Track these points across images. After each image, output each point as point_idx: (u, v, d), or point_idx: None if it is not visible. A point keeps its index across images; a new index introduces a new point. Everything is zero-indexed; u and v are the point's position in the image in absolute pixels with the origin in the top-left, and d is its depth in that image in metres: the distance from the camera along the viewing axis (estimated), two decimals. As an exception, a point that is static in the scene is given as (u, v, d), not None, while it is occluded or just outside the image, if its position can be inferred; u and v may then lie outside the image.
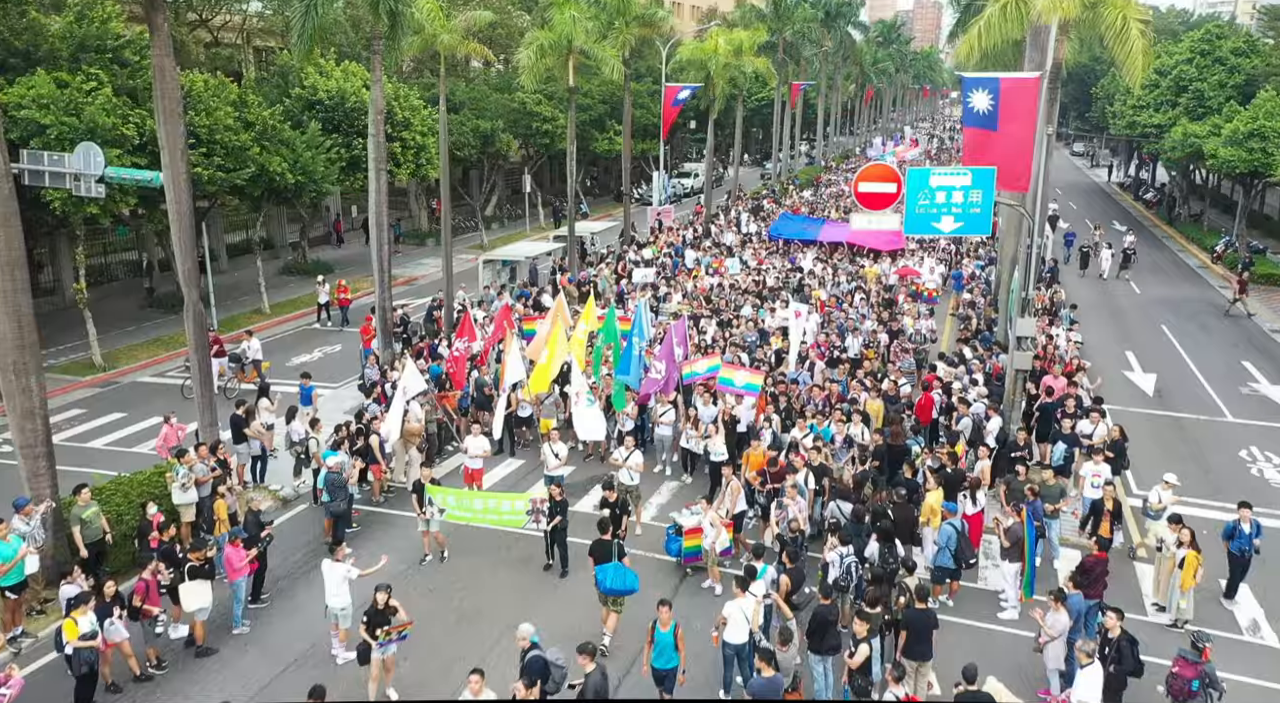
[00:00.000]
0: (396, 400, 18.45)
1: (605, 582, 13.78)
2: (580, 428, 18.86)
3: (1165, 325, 34.17)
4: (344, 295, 32.90)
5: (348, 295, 32.99)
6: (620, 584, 13.74)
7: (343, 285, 32.93)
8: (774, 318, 27.34)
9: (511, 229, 55.48)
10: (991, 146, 20.76)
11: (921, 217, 17.83)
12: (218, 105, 30.07)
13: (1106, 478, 16.42)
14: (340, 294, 32.81)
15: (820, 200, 53.59)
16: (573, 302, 32.07)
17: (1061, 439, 16.37)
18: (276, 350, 30.14)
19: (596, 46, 32.44)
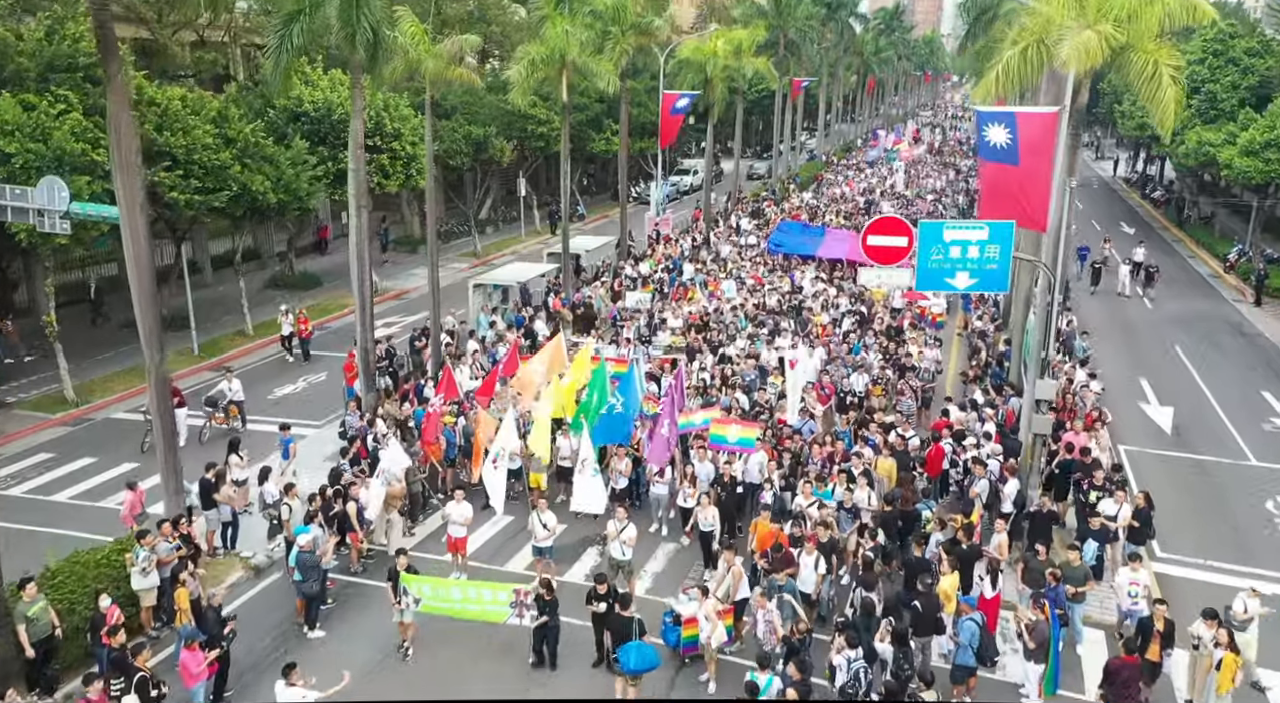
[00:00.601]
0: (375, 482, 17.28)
1: (629, 663, 13.40)
2: (578, 498, 17.65)
3: (1179, 347, 33.04)
4: (305, 327, 30.87)
5: (309, 327, 30.99)
6: (643, 664, 13.48)
7: (303, 316, 30.98)
8: (771, 351, 26.15)
9: (506, 233, 54.26)
10: (1011, 183, 19.66)
11: (934, 272, 16.70)
12: (196, 123, 28.81)
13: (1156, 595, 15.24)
14: (301, 326, 30.74)
15: (821, 204, 52.26)
16: (567, 326, 30.98)
17: (1091, 537, 15.26)
18: (258, 379, 29.00)
19: (590, 59, 31.12)
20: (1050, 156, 19.39)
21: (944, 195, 56.48)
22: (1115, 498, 16.56)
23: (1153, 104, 15.36)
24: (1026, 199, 19.85)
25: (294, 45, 19.52)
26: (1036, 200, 19.87)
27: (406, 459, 18.42)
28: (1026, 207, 19.86)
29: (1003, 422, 21.56)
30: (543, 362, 21.59)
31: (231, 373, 24.83)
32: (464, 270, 45.38)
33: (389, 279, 42.31)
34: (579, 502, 17.60)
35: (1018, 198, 19.95)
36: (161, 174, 27.25)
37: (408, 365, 27.78)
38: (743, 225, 48.39)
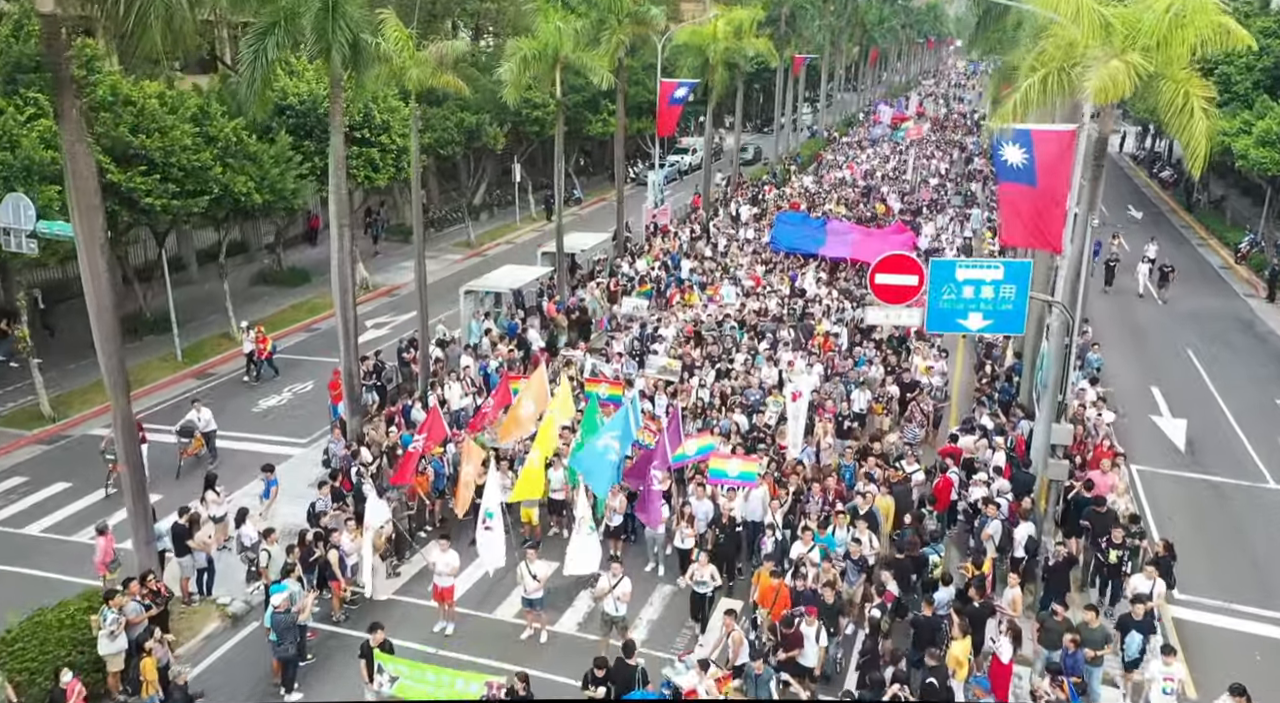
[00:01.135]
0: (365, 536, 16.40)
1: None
2: (572, 559, 16.73)
3: (1190, 349, 32.09)
4: (264, 346, 28.80)
5: (267, 346, 28.88)
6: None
7: (262, 335, 28.95)
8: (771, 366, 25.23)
9: (501, 219, 53.08)
10: (1030, 203, 18.74)
11: (946, 312, 15.76)
12: (174, 123, 27.66)
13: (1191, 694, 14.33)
14: (260, 344, 28.66)
15: (822, 190, 51.04)
16: (562, 332, 30.05)
17: (1135, 628, 14.24)
18: (242, 390, 28.13)
19: (585, 54, 29.90)
20: (1067, 177, 18.43)
21: (948, 179, 55.20)
22: (1146, 573, 15.60)
23: (1182, 136, 14.33)
24: (1043, 221, 18.94)
25: (269, 59, 18.43)
26: (1053, 223, 18.95)
27: (386, 512, 17.52)
28: (1044, 229, 18.95)
29: (1013, 448, 20.72)
30: (529, 399, 20.64)
31: (200, 403, 23.28)
32: (457, 262, 44.39)
33: (380, 272, 41.30)
34: (573, 564, 16.71)
35: (1035, 220, 19.05)
36: (138, 179, 26.17)
37: (396, 378, 26.84)
38: (742, 213, 47.24)
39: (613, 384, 22.53)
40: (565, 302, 31.65)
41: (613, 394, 22.26)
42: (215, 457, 22.87)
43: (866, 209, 45.53)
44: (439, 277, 41.98)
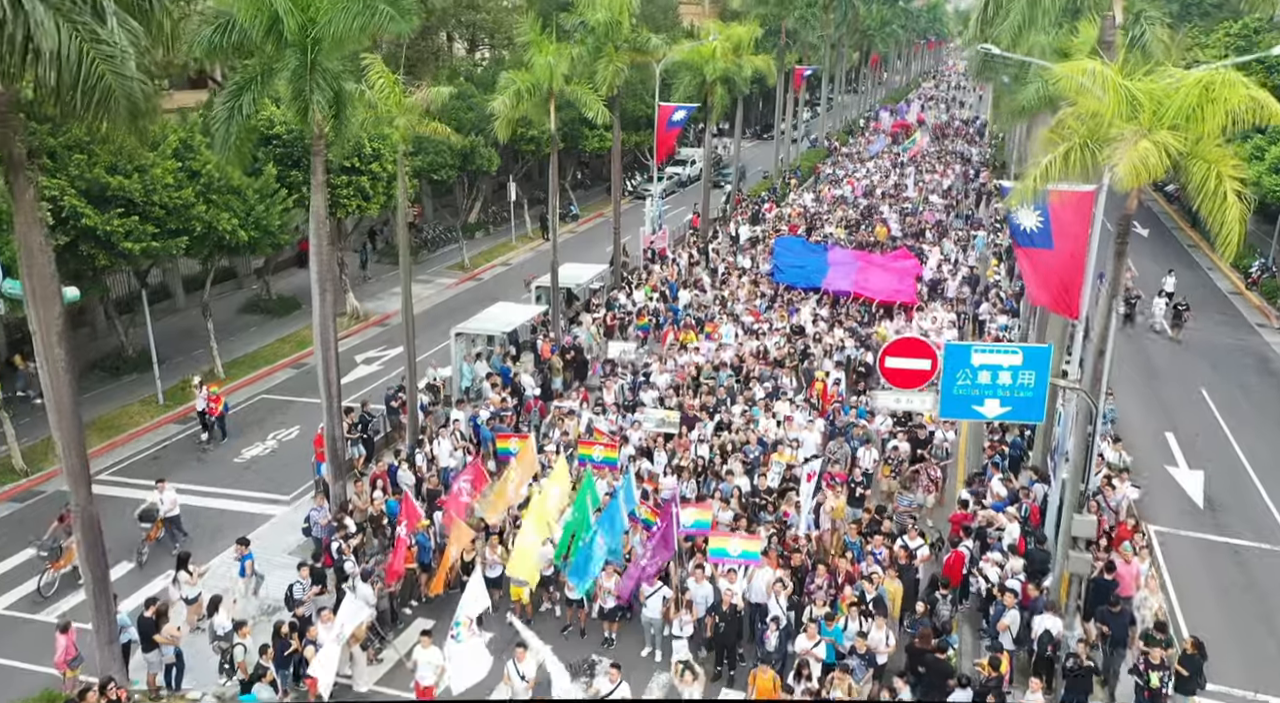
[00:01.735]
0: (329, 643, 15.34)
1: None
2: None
3: (1205, 388, 31.16)
4: (216, 405, 26.48)
5: (220, 406, 26.62)
6: None
7: (214, 393, 26.64)
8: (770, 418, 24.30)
9: (497, 237, 52.08)
10: (1049, 268, 17.88)
11: (961, 398, 14.86)
12: (155, 160, 26.66)
13: None
14: (212, 403, 26.39)
15: (821, 209, 49.96)
16: (556, 375, 29.10)
17: None
18: (227, 436, 27.11)
19: (579, 87, 28.91)
20: (1084, 239, 17.57)
21: (953, 196, 54.07)
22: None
23: (1212, 220, 13.39)
24: (1062, 286, 18.09)
25: (244, 116, 17.47)
26: (1072, 288, 18.09)
27: (365, 611, 16.55)
28: (1063, 294, 18.09)
29: (1027, 517, 19.80)
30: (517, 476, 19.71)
31: (165, 483, 21.26)
32: (450, 286, 43.43)
33: (371, 299, 40.25)
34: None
35: (1053, 284, 18.19)
36: (115, 221, 25.17)
37: (384, 427, 25.90)
38: (742, 234, 46.25)
39: (608, 446, 21.55)
40: (560, 341, 30.67)
41: (608, 457, 21.31)
42: (179, 540, 20.93)
43: (868, 231, 44.48)
44: (432, 303, 41.10)
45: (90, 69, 11.51)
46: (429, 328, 37.28)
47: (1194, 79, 13.37)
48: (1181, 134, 13.42)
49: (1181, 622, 18.80)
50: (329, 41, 17.17)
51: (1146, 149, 12.92)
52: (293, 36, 17.12)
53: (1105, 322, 15.06)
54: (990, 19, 19.29)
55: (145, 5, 13.13)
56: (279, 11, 16.75)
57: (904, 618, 17.68)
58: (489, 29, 59.00)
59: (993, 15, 19.04)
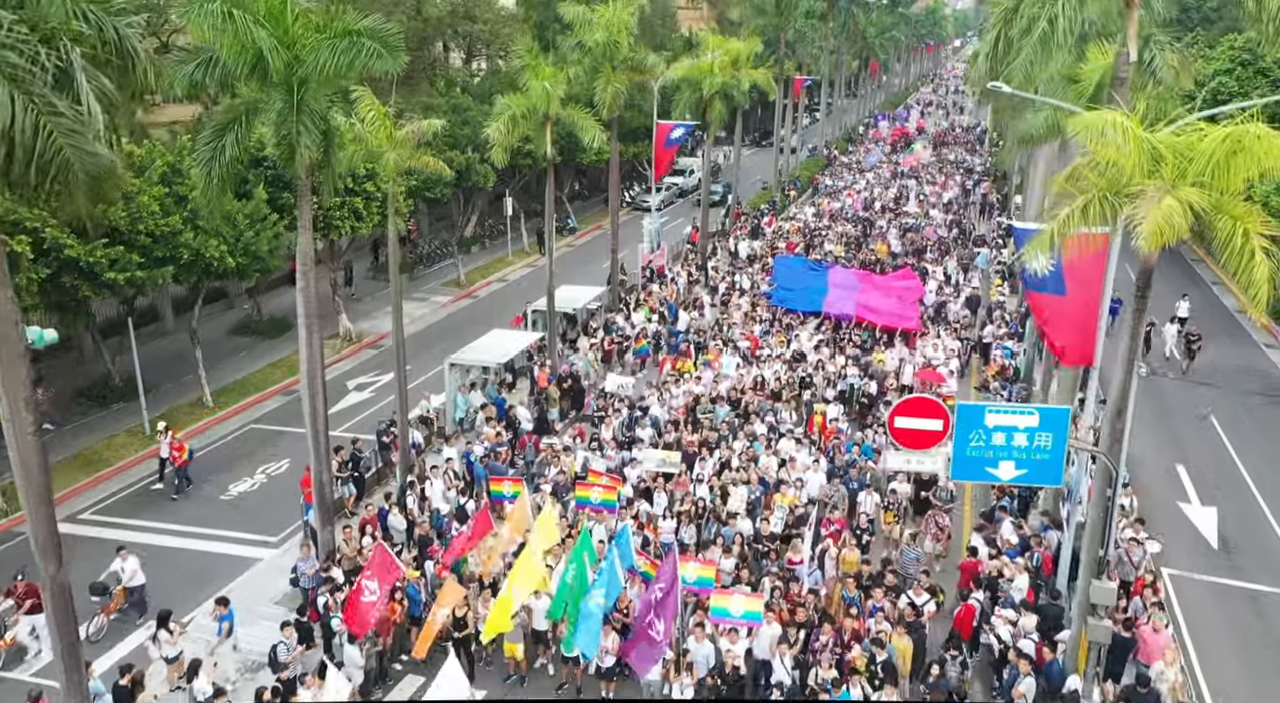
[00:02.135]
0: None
1: None
2: None
3: (1215, 417, 30.47)
4: (179, 453, 24.64)
5: (184, 453, 24.73)
6: None
7: (177, 440, 24.99)
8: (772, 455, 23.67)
9: (493, 252, 51.42)
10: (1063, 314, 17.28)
11: (974, 460, 14.22)
12: (141, 187, 25.99)
13: None
14: (175, 451, 24.62)
15: (821, 226, 49.20)
16: (553, 403, 28.45)
17: None
18: (214, 469, 26.50)
19: (576, 112, 28.27)
20: (1098, 284, 16.96)
21: (954, 210, 53.31)
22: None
23: (1239, 277, 12.76)
24: (1076, 331, 17.50)
25: (227, 159, 16.82)
26: (1086, 334, 17.50)
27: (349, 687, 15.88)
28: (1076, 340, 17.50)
29: (1038, 566, 19.18)
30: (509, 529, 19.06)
31: (126, 551, 19.87)
32: (446, 305, 42.76)
33: (364, 319, 39.54)
34: None
35: (1066, 330, 17.59)
36: (99, 252, 24.50)
37: (376, 462, 25.23)
38: (741, 250, 45.64)
39: (606, 488, 20.88)
40: (557, 368, 30.03)
41: (606, 499, 20.66)
42: (143, 613, 19.56)
43: (868, 249, 43.81)
44: (426, 323, 40.45)
45: (47, 144, 10.86)
46: (423, 350, 36.67)
47: (1220, 133, 12.72)
48: (1206, 189, 12.79)
49: (1201, 679, 18.18)
50: (316, 81, 16.52)
51: (1171, 208, 12.28)
52: (278, 76, 16.47)
53: (1126, 381, 14.43)
54: (1000, 56, 18.67)
55: (124, 62, 12.45)
56: (263, 49, 16.08)
57: (914, 677, 17.03)
58: (485, 40, 58.35)
59: (1003, 53, 18.43)
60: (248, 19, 15.91)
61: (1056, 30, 16.72)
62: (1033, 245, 13.72)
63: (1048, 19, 16.85)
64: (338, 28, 16.66)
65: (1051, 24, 16.83)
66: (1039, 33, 16.89)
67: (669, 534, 20.93)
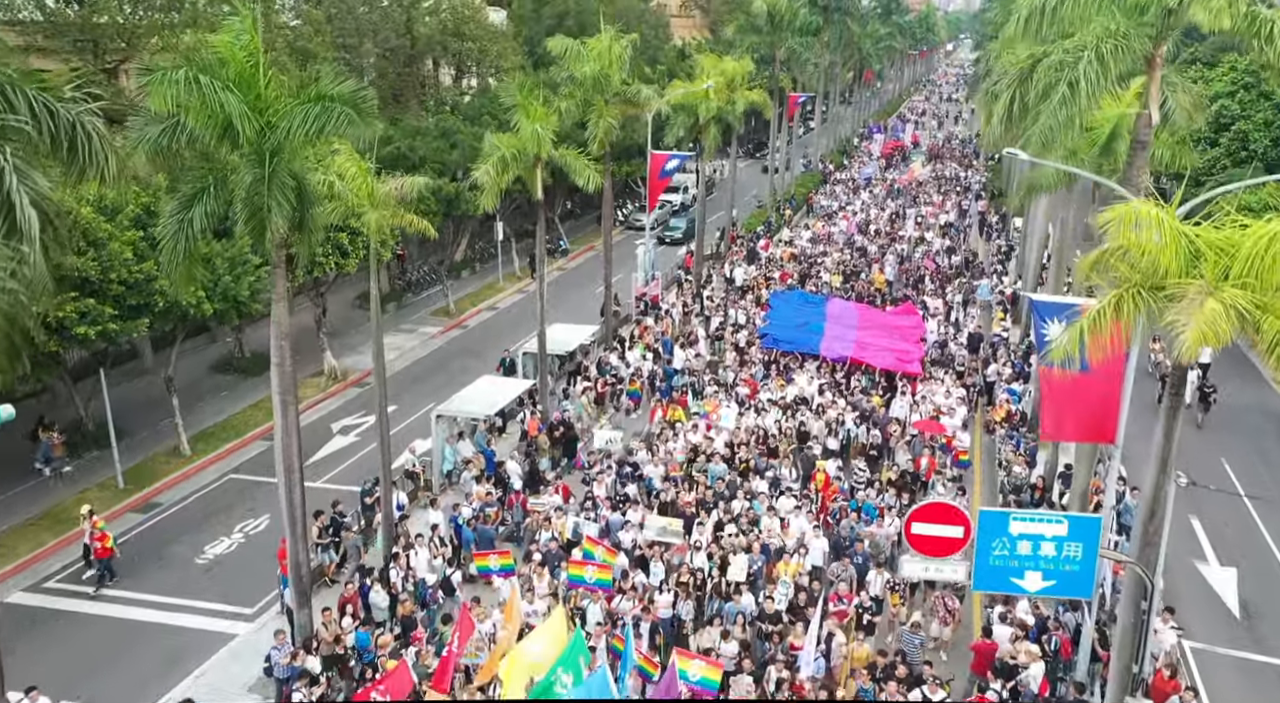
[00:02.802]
0: None
1: None
2: None
3: (1226, 459, 29.57)
4: (101, 544, 22.31)
5: (107, 543, 22.36)
6: None
7: (100, 530, 22.43)
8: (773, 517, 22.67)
9: (484, 276, 50.32)
10: (1083, 390, 16.27)
11: (997, 570, 13.22)
12: (113, 233, 24.85)
13: None
14: (98, 541, 22.34)
15: (817, 253, 48.04)
16: (544, 453, 27.41)
17: None
18: (188, 529, 25.35)
19: (569, 154, 27.22)
20: (1124, 357, 15.95)
21: (952, 237, 52.12)
22: None
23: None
24: (1097, 406, 16.50)
25: (196, 232, 15.74)
26: (1108, 411, 16.50)
27: None
28: (1096, 419, 16.50)
29: (1057, 650, 18.20)
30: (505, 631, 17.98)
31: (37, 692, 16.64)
32: (435, 335, 41.65)
33: (351, 353, 38.32)
34: None
35: (1085, 409, 16.58)
36: (68, 305, 23.37)
37: (358, 523, 24.13)
38: (737, 276, 44.59)
39: (600, 567, 19.80)
40: (549, 416, 28.97)
41: (600, 579, 19.58)
42: None
43: (865, 278, 42.72)
44: (415, 356, 39.36)
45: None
46: (412, 386, 35.70)
47: (1265, 229, 11.75)
48: (1249, 287, 11.80)
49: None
50: (289, 149, 15.45)
51: (1215, 312, 11.30)
52: (249, 143, 15.39)
53: (1160, 482, 13.44)
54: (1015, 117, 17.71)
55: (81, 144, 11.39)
56: (233, 117, 15.00)
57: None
58: (475, 58, 57.27)
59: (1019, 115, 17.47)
60: (216, 85, 14.82)
61: (1078, 95, 15.70)
62: (1060, 349, 12.72)
63: (1068, 82, 15.81)
64: (311, 92, 15.58)
65: (1072, 87, 15.80)
66: (1059, 96, 15.86)
67: (667, 609, 19.96)
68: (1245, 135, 45.49)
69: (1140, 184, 17.42)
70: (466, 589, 21.39)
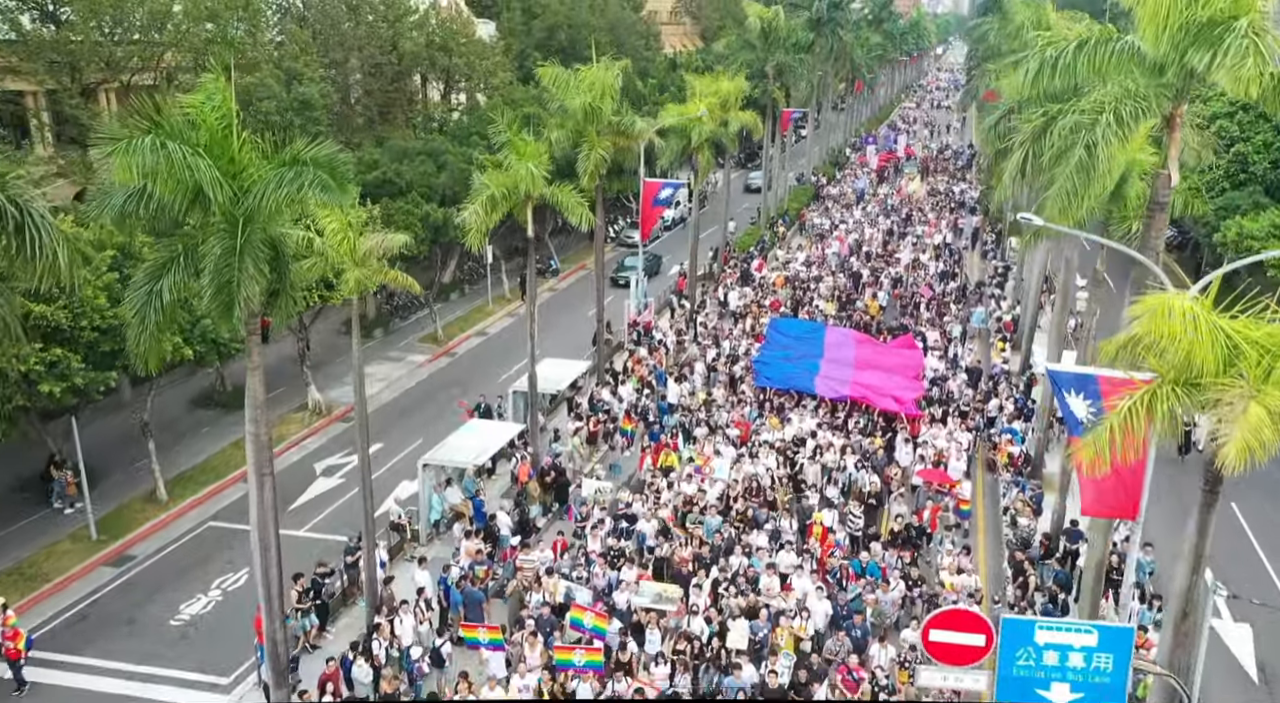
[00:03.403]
0: None
1: None
2: None
3: (1236, 504, 28.73)
4: (13, 643, 19.99)
5: (19, 644, 20.04)
6: None
7: (10, 628, 20.16)
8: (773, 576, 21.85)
9: (473, 298, 49.34)
10: (1107, 472, 15.42)
11: (1022, 680, 12.38)
12: (86, 278, 23.76)
13: None
14: (8, 640, 20.01)
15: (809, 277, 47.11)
16: (534, 501, 26.53)
17: None
18: (163, 584, 24.37)
19: (561, 192, 26.32)
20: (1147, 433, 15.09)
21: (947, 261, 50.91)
22: None
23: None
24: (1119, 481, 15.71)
25: (164, 304, 14.81)
26: (1131, 487, 15.72)
27: None
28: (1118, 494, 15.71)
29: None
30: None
31: None
32: (423, 364, 40.70)
33: (337, 385, 37.17)
34: None
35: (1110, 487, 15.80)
36: (34, 358, 22.33)
37: (341, 581, 23.18)
38: (731, 299, 43.75)
39: (590, 650, 18.86)
40: (540, 460, 28.07)
41: (591, 660, 18.58)
42: None
43: (860, 309, 41.83)
44: (403, 387, 38.39)
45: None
46: (399, 420, 34.82)
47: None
48: None
49: None
50: (263, 217, 14.52)
51: (1259, 419, 10.48)
52: (221, 210, 14.46)
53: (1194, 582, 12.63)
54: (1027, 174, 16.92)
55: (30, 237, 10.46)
56: (204, 184, 14.06)
57: None
58: (464, 73, 56.28)
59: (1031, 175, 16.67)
60: (185, 151, 13.88)
61: (1097, 159, 14.87)
62: (1089, 449, 11.90)
63: (1085, 145, 14.99)
64: (286, 155, 14.66)
65: (1090, 151, 14.98)
66: (1076, 160, 15.04)
67: (664, 680, 19.10)
68: (1245, 157, 44.87)
69: (1159, 248, 16.63)
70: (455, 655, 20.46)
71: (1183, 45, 14.85)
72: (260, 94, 39.25)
